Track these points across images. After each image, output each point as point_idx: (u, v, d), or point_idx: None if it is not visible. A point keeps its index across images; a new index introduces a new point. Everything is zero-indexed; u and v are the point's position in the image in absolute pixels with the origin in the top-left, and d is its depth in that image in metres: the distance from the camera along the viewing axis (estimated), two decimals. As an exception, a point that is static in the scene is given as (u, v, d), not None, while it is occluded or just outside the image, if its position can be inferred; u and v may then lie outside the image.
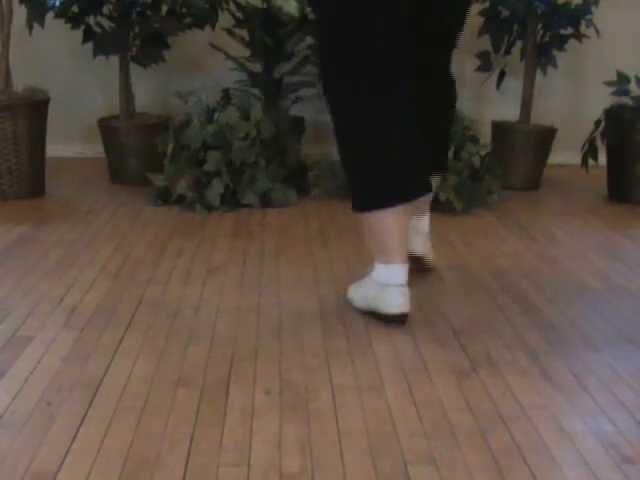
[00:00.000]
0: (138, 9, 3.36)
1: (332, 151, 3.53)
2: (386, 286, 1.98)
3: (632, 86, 3.32)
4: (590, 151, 3.42)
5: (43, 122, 3.21)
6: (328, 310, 2.11)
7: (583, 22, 3.42)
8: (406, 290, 1.99)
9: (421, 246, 2.32)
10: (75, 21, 3.35)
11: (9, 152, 3.10)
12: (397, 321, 2.00)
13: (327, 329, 1.99)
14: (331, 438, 1.49)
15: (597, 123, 3.39)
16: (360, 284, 2.09)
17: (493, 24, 3.49)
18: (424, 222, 2.35)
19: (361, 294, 2.07)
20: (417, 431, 1.52)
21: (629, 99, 3.32)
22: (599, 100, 3.60)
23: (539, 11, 3.38)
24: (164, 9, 3.39)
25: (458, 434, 1.51)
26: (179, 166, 3.05)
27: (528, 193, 3.48)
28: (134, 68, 3.50)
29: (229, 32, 3.45)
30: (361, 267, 2.07)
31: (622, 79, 3.34)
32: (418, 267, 2.29)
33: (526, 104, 3.56)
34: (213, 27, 3.43)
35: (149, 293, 2.20)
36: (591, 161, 3.44)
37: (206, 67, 3.84)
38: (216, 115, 3.14)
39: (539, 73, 3.57)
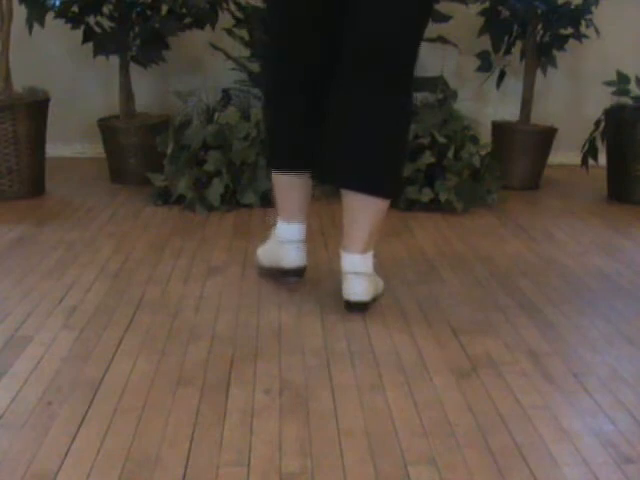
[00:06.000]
0: (138, 9, 3.36)
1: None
2: (284, 242, 2.21)
3: (632, 86, 3.33)
4: (590, 151, 3.42)
5: (43, 122, 3.21)
6: (328, 310, 2.11)
7: (583, 22, 3.42)
8: (302, 246, 2.22)
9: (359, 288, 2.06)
10: (75, 21, 3.35)
11: (9, 152, 3.10)
12: (294, 274, 2.23)
13: (327, 329, 1.99)
14: (331, 438, 1.49)
15: (597, 123, 3.39)
16: (266, 243, 2.31)
17: (493, 24, 3.49)
18: (350, 260, 2.05)
19: (266, 252, 2.29)
20: (417, 431, 1.52)
21: (629, 99, 3.32)
22: (599, 100, 3.60)
23: (539, 11, 3.39)
24: (164, 9, 3.39)
25: (458, 434, 1.51)
26: (179, 166, 3.05)
27: (528, 193, 3.48)
28: (134, 68, 3.50)
29: (229, 32, 3.45)
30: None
31: (622, 79, 3.34)
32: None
33: (526, 104, 3.56)
34: (213, 27, 3.43)
35: (149, 293, 2.20)
36: (591, 161, 3.44)
37: (206, 67, 3.84)
38: (216, 115, 3.14)
39: (539, 73, 3.57)
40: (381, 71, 1.94)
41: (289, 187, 2.19)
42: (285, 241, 2.21)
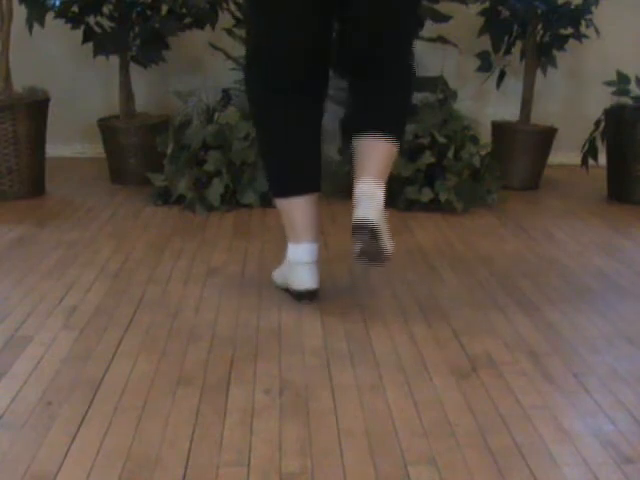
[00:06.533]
0: (138, 9, 3.36)
1: (331, 151, 3.54)
2: (296, 264, 2.13)
3: (632, 86, 3.32)
4: (590, 151, 3.42)
5: (43, 122, 3.21)
6: (328, 310, 2.11)
7: (583, 22, 3.42)
8: (314, 267, 2.13)
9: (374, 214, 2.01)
10: (75, 21, 3.35)
11: (9, 152, 3.10)
12: (306, 297, 2.14)
13: (327, 329, 1.99)
14: (331, 438, 1.49)
15: (597, 123, 3.39)
16: (282, 264, 2.23)
17: (493, 24, 3.49)
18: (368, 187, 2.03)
19: (280, 272, 2.22)
20: (417, 431, 1.52)
21: (629, 99, 3.32)
22: (599, 100, 3.60)
23: (539, 11, 3.38)
24: (164, 9, 3.39)
25: (458, 434, 1.51)
26: (179, 166, 3.05)
27: (528, 193, 3.48)
28: (134, 68, 3.50)
29: (229, 32, 3.45)
30: (360, 267, 2.07)
31: (622, 79, 3.34)
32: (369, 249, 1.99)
33: (526, 104, 3.56)
34: (213, 27, 3.43)
35: (149, 293, 2.20)
36: (591, 161, 3.44)
37: (206, 67, 3.84)
38: (216, 115, 3.14)
39: (539, 73, 3.57)
40: (386, 66, 2.07)
41: (293, 210, 2.12)
42: (295, 263, 2.13)
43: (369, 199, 1.99)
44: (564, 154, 3.88)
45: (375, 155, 2.05)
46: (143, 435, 1.48)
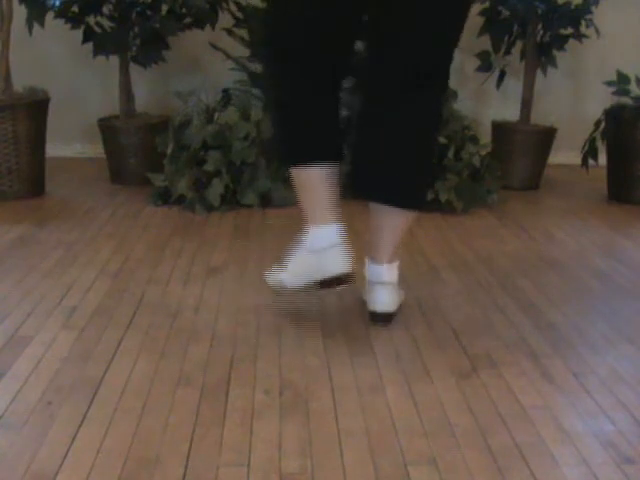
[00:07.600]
0: (138, 9, 3.36)
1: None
2: (322, 250, 1.92)
3: (632, 86, 3.32)
4: (590, 151, 3.42)
5: (43, 122, 3.21)
6: (328, 310, 2.11)
7: (583, 22, 3.43)
8: (344, 249, 1.94)
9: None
10: (75, 21, 3.35)
11: (9, 152, 3.10)
12: (343, 282, 1.94)
13: (327, 329, 1.99)
14: (331, 438, 1.49)
15: (597, 123, 3.39)
16: (292, 262, 2.02)
17: (493, 24, 3.49)
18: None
19: (297, 269, 2.00)
20: (417, 431, 1.52)
21: (629, 99, 3.32)
22: (599, 100, 3.60)
23: (539, 11, 3.39)
24: (164, 9, 3.39)
25: (458, 434, 1.51)
26: (179, 166, 3.05)
27: (528, 193, 3.48)
28: (134, 68, 3.50)
29: (229, 32, 3.45)
30: (360, 266, 2.07)
31: (622, 79, 3.34)
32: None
33: (526, 104, 3.56)
34: (213, 27, 3.43)
35: (149, 293, 2.20)
36: (591, 161, 3.44)
37: (206, 67, 3.84)
38: (216, 115, 3.14)
39: (539, 73, 3.57)
40: (426, 82, 1.91)
41: (314, 183, 1.95)
42: (323, 248, 1.92)
43: (383, 287, 1.98)
44: (564, 154, 3.88)
45: (390, 232, 1.96)
46: (143, 435, 1.48)
